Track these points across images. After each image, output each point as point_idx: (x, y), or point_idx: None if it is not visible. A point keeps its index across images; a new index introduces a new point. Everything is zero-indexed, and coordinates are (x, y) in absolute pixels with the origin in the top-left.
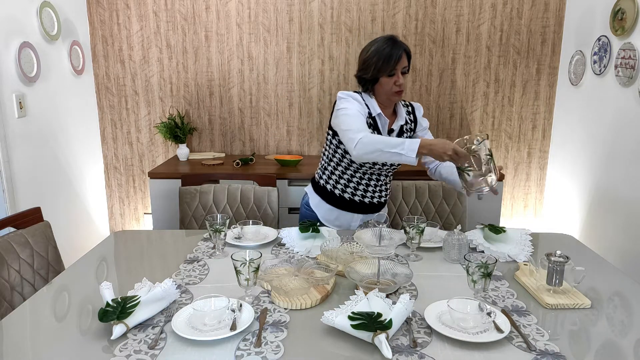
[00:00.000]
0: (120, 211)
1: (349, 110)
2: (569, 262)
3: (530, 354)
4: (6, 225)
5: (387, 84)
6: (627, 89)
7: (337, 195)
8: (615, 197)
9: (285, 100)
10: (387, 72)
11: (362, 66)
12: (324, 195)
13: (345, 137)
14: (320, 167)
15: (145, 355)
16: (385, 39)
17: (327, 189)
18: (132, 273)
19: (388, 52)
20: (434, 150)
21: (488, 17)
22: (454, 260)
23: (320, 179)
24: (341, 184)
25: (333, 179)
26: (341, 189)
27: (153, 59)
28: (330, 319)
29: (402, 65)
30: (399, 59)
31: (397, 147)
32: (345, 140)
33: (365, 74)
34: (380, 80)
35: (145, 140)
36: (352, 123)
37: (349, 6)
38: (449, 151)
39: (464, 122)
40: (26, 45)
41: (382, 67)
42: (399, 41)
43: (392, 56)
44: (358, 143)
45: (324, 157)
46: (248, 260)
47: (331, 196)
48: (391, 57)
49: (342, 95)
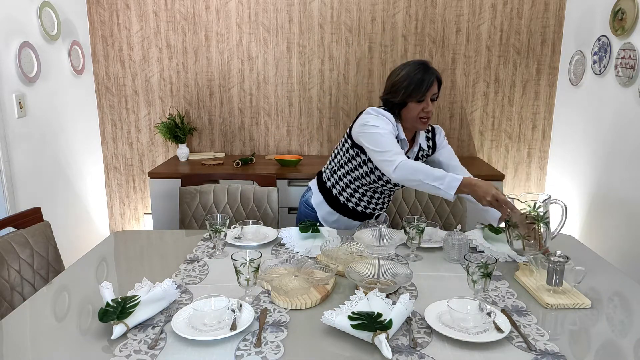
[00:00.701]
0: (120, 211)
1: (382, 130)
2: (569, 262)
3: (530, 354)
4: (6, 225)
5: (415, 109)
6: (627, 89)
7: (342, 202)
8: (615, 197)
9: (285, 100)
10: (416, 97)
11: (390, 89)
12: (328, 198)
13: (380, 158)
14: (329, 168)
15: (145, 355)
16: (418, 63)
17: (333, 192)
18: (132, 273)
19: (420, 78)
20: (476, 192)
21: (488, 17)
22: (454, 260)
23: (328, 180)
24: (347, 193)
25: (340, 185)
26: (346, 197)
27: (153, 59)
28: (330, 319)
29: (432, 92)
30: (430, 85)
31: (437, 180)
32: (380, 161)
33: (393, 97)
34: (409, 105)
35: (145, 140)
36: (387, 144)
37: (349, 6)
38: (489, 196)
39: (464, 122)
40: (26, 45)
41: (412, 92)
42: (431, 67)
43: (423, 82)
44: (398, 167)
45: (335, 160)
46: (248, 260)
47: (335, 201)
48: (422, 83)
49: (373, 112)
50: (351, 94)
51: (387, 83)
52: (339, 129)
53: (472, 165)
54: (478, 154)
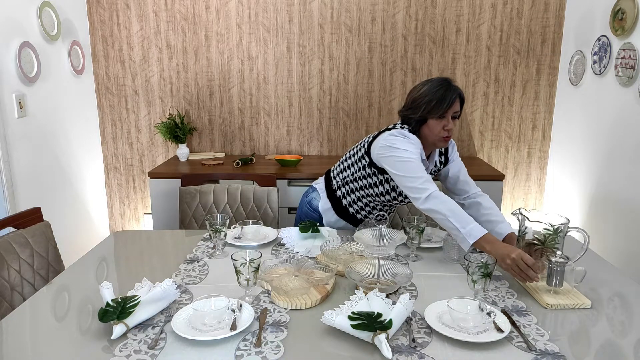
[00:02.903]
0: (120, 211)
1: (410, 155)
2: (569, 262)
3: (530, 354)
4: (6, 225)
5: (436, 127)
6: (627, 89)
7: (351, 213)
8: (615, 197)
9: (285, 100)
10: (437, 114)
11: (410, 104)
12: (336, 207)
13: (410, 184)
14: (340, 178)
15: (145, 355)
16: (440, 80)
17: (343, 203)
18: (132, 273)
19: (442, 94)
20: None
21: (488, 17)
22: (454, 260)
23: (339, 189)
24: (357, 206)
25: (351, 198)
26: (356, 210)
27: (153, 59)
28: (330, 319)
29: (454, 110)
30: (452, 102)
31: (459, 223)
32: (409, 188)
33: (413, 113)
34: (429, 122)
35: (145, 140)
36: (418, 170)
37: (349, 6)
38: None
39: (464, 122)
40: (26, 45)
41: (433, 108)
42: (453, 85)
43: (445, 98)
44: (430, 197)
45: (347, 171)
46: (248, 260)
47: (344, 211)
48: (444, 100)
49: (399, 135)
50: (351, 94)
51: (408, 98)
52: (339, 129)
53: (472, 165)
54: (478, 154)
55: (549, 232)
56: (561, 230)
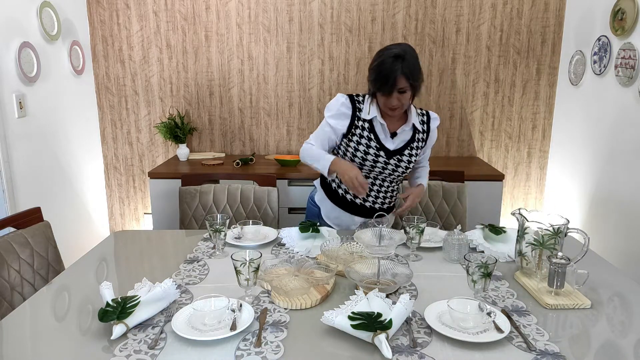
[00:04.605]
0: (120, 211)
1: (322, 123)
2: (571, 263)
3: (530, 354)
4: (6, 225)
5: (382, 101)
6: (627, 89)
7: (340, 195)
8: (615, 197)
9: (285, 100)
10: (382, 91)
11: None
12: (328, 192)
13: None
14: None
15: (145, 355)
16: (392, 56)
17: (332, 187)
18: (132, 273)
19: (385, 75)
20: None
21: (488, 17)
22: (454, 260)
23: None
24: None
25: (338, 178)
26: (344, 189)
27: (153, 59)
28: (330, 319)
29: (398, 87)
30: (394, 82)
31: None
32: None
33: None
34: (377, 96)
35: (145, 140)
36: (314, 134)
37: (349, 6)
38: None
39: (464, 122)
40: (26, 45)
41: (379, 86)
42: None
43: (388, 78)
44: (300, 151)
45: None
46: (248, 260)
47: (335, 195)
48: (388, 79)
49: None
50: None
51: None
52: None
53: (472, 165)
54: (478, 154)
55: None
56: (561, 231)
